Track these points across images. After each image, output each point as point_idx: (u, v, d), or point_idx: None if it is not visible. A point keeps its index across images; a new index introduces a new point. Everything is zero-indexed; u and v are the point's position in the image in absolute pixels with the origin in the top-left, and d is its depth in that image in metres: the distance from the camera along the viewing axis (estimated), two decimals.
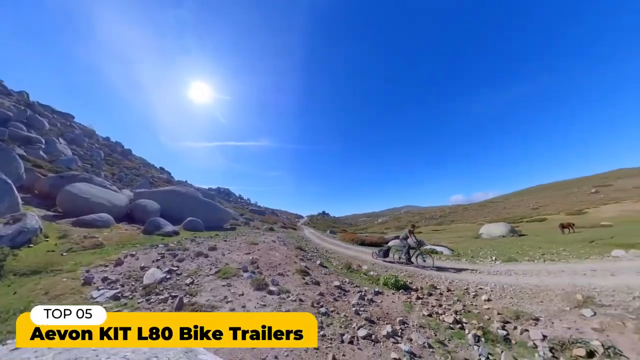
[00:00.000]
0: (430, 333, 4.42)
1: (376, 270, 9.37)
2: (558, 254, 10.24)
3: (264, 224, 27.44)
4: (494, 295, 6.57)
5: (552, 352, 3.83)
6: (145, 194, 17.63)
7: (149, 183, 29.25)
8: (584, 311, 4.94)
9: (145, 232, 11.84)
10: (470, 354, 3.86)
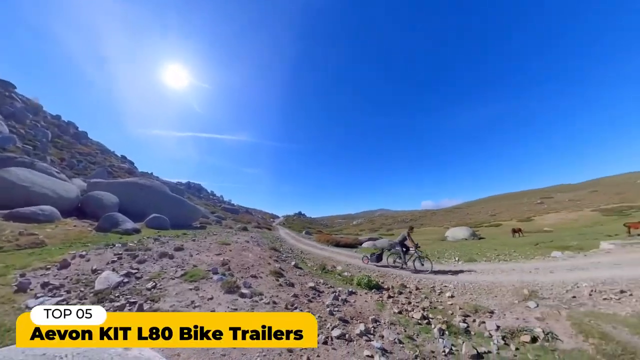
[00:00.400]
0: (400, 329, 4.66)
1: (350, 271, 9.57)
2: (510, 254, 11.53)
3: (237, 223, 26.28)
4: (457, 292, 7.14)
5: (504, 340, 4.30)
6: (102, 185, 15.57)
7: (106, 173, 25.88)
8: (529, 303, 5.64)
9: (100, 229, 10.48)
10: (436, 346, 4.14)
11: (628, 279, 6.27)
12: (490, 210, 58.10)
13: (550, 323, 4.68)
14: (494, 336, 4.45)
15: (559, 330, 4.40)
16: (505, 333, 4.51)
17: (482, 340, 4.42)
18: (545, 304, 5.58)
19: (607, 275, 6.70)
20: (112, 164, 35.10)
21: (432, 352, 3.95)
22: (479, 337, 4.52)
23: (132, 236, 10.50)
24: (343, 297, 6.16)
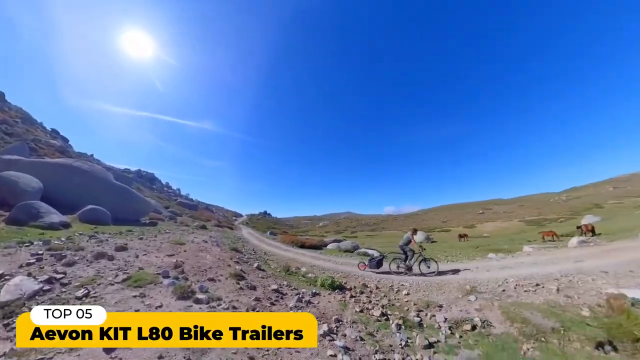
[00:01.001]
0: (361, 327, 4.89)
1: (314, 272, 9.62)
2: (456, 256, 13.13)
3: (195, 220, 24.02)
4: (412, 290, 7.79)
5: (451, 330, 4.87)
6: (21, 165, 12.36)
7: (28, 149, 20.55)
8: (470, 297, 6.47)
9: (12, 221, 8.34)
10: (394, 340, 4.46)
11: (541, 274, 7.72)
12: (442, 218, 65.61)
13: (486, 313, 5.47)
14: (442, 327, 4.99)
15: (493, 318, 5.18)
16: (451, 324, 5.11)
17: (432, 331, 4.91)
18: (483, 297, 6.49)
19: (527, 272, 8.14)
20: (37, 138, 27.72)
21: (390, 346, 4.23)
22: (430, 329, 5.02)
23: (59, 232, 8.66)
24: (307, 298, 6.16)
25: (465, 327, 4.91)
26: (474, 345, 4.27)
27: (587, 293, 6.00)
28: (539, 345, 4.07)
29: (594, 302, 5.43)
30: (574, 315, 4.85)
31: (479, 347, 4.19)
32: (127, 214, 14.94)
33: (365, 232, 52.41)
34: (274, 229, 41.80)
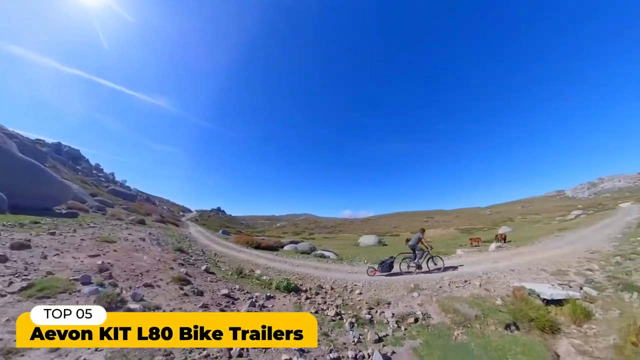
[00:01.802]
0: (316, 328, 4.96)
1: (269, 275, 9.35)
2: None
3: (132, 213, 20.30)
4: (364, 289, 8.31)
5: (397, 324, 5.38)
6: None
7: None
8: (414, 294, 7.28)
9: None
10: (347, 338, 4.67)
11: (469, 273, 9.22)
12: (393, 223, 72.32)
13: (426, 307, 6.24)
14: (390, 322, 5.47)
15: (431, 311, 5.95)
16: (398, 318, 5.65)
17: (382, 326, 5.34)
18: (424, 293, 7.37)
19: (458, 272, 9.60)
20: None
21: (344, 344, 4.40)
22: (380, 325, 5.45)
23: None
24: (260, 302, 5.94)
25: (410, 320, 5.51)
26: (417, 335, 4.82)
27: (500, 286, 7.46)
28: (466, 330, 4.87)
29: (504, 293, 6.80)
30: (491, 305, 5.98)
31: (420, 336, 4.76)
32: (34, 200, 11.82)
33: (323, 234, 53.67)
34: (227, 228, 38.76)
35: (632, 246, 9.88)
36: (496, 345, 4.28)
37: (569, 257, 9.80)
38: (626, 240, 11.29)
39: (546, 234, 17.84)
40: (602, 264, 8.42)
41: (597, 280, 7.17)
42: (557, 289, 6.66)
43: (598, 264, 8.44)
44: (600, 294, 6.26)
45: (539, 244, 14.33)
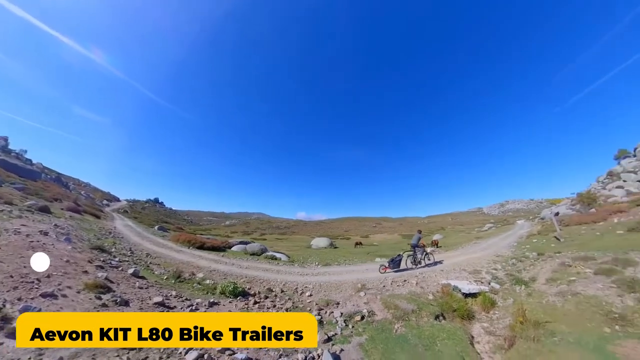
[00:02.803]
0: None
1: (213, 278, 8.62)
2: (352, 260, 15.50)
3: (30, 197, 15.40)
4: (315, 291, 8.49)
5: (345, 322, 5.68)
6: None
7: None
8: (360, 294, 7.82)
9: None
10: None
11: (408, 273, 10.43)
12: (345, 227, 76.20)
13: (372, 305, 6.78)
14: (338, 321, 5.74)
15: (376, 308, 6.50)
16: (346, 317, 5.98)
17: (331, 326, 5.55)
18: (370, 292, 7.99)
19: (398, 272, 10.76)
20: None
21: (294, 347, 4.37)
22: (329, 324, 5.66)
23: None
24: (202, 310, 5.42)
25: (357, 318, 5.90)
26: (363, 332, 5.20)
27: (432, 284, 8.69)
28: (405, 323, 5.52)
29: (435, 290, 7.97)
30: (424, 300, 6.92)
31: (366, 332, 5.15)
32: None
33: (275, 235, 52.44)
34: (165, 224, 33.67)
35: (522, 251, 12.89)
36: (428, 334, 5.01)
37: (482, 260, 12.14)
38: (519, 247, 14.68)
39: (467, 241, 21.73)
40: (503, 264, 10.72)
41: (500, 277, 9.09)
42: (473, 284, 8.19)
43: (501, 265, 10.70)
44: (501, 287, 8.00)
45: (462, 249, 17.35)
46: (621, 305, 5.27)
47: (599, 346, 4.28)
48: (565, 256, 9.24)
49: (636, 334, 4.43)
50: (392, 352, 4.41)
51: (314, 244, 27.82)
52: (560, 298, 6.15)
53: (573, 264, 8.07)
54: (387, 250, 22.74)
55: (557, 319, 5.22)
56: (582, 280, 6.77)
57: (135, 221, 27.58)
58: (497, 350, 4.91)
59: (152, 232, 19.62)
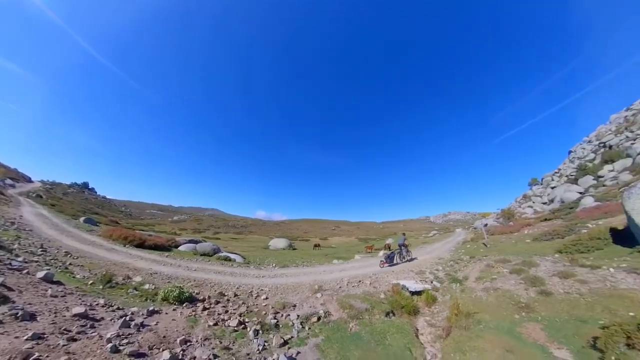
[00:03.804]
0: (215, 342, 4.51)
1: (155, 282, 7.65)
2: (310, 261, 15.65)
3: None
4: (271, 293, 8.29)
5: (302, 324, 5.70)
6: None
7: None
8: (317, 295, 7.94)
9: None
10: (251, 347, 4.50)
11: (362, 274, 11.05)
12: (305, 229, 76.46)
13: (328, 305, 6.96)
14: (295, 324, 5.72)
15: (332, 309, 6.69)
16: (303, 319, 6.00)
17: (287, 329, 5.50)
18: (326, 293, 8.18)
19: (355, 273, 11.31)
20: None
21: (247, 355, 4.24)
22: (285, 328, 5.59)
23: None
24: (139, 320, 4.75)
25: (313, 319, 5.97)
26: (319, 332, 5.30)
27: (383, 284, 9.37)
28: (359, 321, 5.84)
29: (386, 289, 8.61)
30: (377, 299, 7.42)
31: (322, 333, 5.26)
32: None
33: (231, 234, 49.15)
34: (95, 215, 28.07)
35: (458, 255, 14.95)
36: (380, 330, 5.40)
37: (427, 262, 13.65)
38: (456, 251, 16.98)
39: (415, 246, 24.18)
40: (443, 266, 12.24)
41: (440, 277, 10.34)
42: (418, 283, 9.14)
43: (441, 266, 12.20)
44: (441, 286, 9.13)
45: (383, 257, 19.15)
46: (527, 297, 6.60)
47: (510, 329, 5.32)
48: (489, 259, 11.05)
49: (535, 317, 5.63)
50: (347, 350, 4.60)
51: (272, 245, 27.18)
52: (485, 293, 7.36)
53: (495, 265, 9.72)
54: (344, 252, 23.69)
55: (482, 309, 6.25)
56: (501, 278, 8.22)
57: (52, 210, 22.39)
58: (437, 339, 5.63)
59: (75, 225, 16.25)
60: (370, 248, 25.14)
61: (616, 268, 6.97)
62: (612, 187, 17.87)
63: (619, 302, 5.50)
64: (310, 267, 13.43)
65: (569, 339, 4.77)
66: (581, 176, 23.60)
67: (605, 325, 4.54)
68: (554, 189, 26.44)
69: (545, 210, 22.68)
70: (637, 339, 3.96)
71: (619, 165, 20.44)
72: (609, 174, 20.80)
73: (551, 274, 7.49)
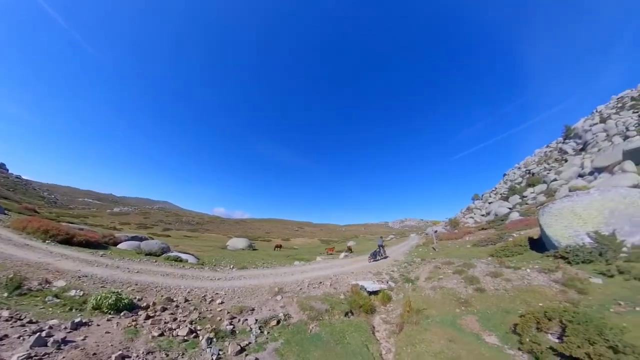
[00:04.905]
0: (161, 356, 4.07)
1: (83, 287, 6.52)
2: (271, 263, 15.29)
3: None
4: (227, 297, 7.83)
5: (260, 329, 5.51)
6: None
7: None
8: (277, 297, 7.80)
9: None
10: (204, 358, 4.17)
11: (323, 275, 11.23)
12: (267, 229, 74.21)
13: (288, 308, 6.88)
14: (253, 329, 5.50)
15: (292, 311, 6.63)
16: (261, 323, 5.81)
17: (244, 335, 5.25)
18: (286, 295, 8.09)
19: (316, 274, 11.44)
20: None
21: None
22: (242, 334, 5.33)
23: None
24: (60, 336, 3.99)
25: (272, 323, 5.84)
26: (278, 336, 5.19)
27: (343, 285, 9.68)
28: (319, 322, 5.91)
29: (346, 290, 8.91)
30: (337, 299, 7.63)
31: (282, 336, 5.16)
32: None
33: (184, 231, 44.60)
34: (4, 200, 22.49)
35: (412, 257, 16.34)
36: (339, 329, 5.56)
37: (384, 264, 14.57)
38: (410, 254, 18.53)
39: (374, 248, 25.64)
40: (398, 267, 13.22)
41: (395, 277, 11.14)
42: (376, 284, 9.69)
43: (396, 268, 13.15)
44: (396, 285, 9.84)
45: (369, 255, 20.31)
46: (466, 293, 7.56)
47: (453, 322, 6.10)
48: (437, 261, 12.34)
49: (472, 311, 6.53)
50: (306, 352, 4.60)
51: (231, 245, 25.73)
52: (433, 291, 8.19)
53: (441, 266, 10.89)
54: (306, 254, 23.76)
55: (430, 306, 6.97)
56: (446, 278, 9.24)
57: None
58: (392, 335, 6.06)
59: None
60: (331, 250, 25.75)
61: (531, 269, 8.46)
62: (532, 205, 21.75)
63: (533, 295, 6.73)
64: (270, 269, 13.11)
65: (497, 327, 5.69)
66: (511, 195, 28.33)
67: (522, 314, 5.52)
68: (491, 204, 31.20)
69: (483, 221, 26.46)
70: (544, 324, 4.93)
71: (538, 189, 25.14)
72: (531, 195, 25.38)
73: (485, 274, 8.72)
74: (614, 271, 6.97)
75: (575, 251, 8.38)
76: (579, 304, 5.93)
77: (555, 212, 9.85)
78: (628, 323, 4.57)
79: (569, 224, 9.25)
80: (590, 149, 25.33)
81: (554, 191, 20.88)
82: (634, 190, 9.17)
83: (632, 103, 28.54)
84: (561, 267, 7.95)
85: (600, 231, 8.43)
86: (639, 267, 6.85)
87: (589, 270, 7.53)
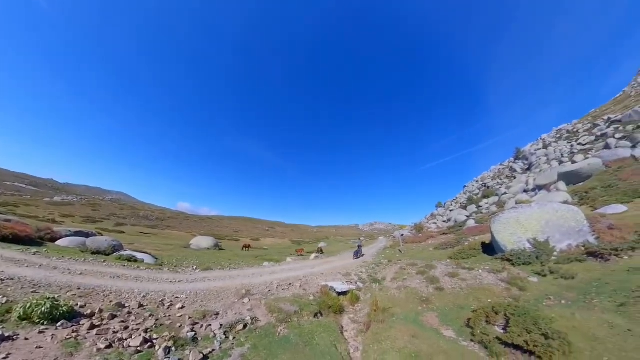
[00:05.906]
0: None
1: (8, 293, 5.53)
2: (239, 263, 14.71)
3: None
4: (188, 301, 7.32)
5: (225, 334, 5.23)
6: None
7: None
8: (244, 300, 7.52)
9: None
10: None
11: (293, 277, 11.13)
12: (235, 227, 70.95)
13: (256, 311, 6.67)
14: (217, 334, 5.21)
15: (260, 314, 6.44)
16: (226, 328, 5.53)
17: (208, 342, 4.94)
18: (254, 298, 7.85)
19: (286, 276, 11.30)
20: None
21: None
22: (205, 340, 5.00)
23: None
24: None
25: (239, 327, 5.59)
26: (245, 341, 4.99)
27: (313, 286, 9.70)
28: (287, 324, 5.83)
29: (316, 291, 8.95)
30: (307, 301, 7.62)
31: (249, 341, 4.97)
32: None
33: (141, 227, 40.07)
34: None
35: (379, 259, 17.07)
36: (308, 331, 5.55)
37: (353, 265, 14.98)
38: (378, 256, 19.36)
39: (344, 250, 26.33)
40: (367, 268, 13.70)
41: (364, 278, 11.52)
42: (345, 285, 9.90)
43: (365, 269, 13.62)
44: (364, 286, 10.17)
45: (340, 256, 20.97)
46: (427, 292, 8.15)
47: (415, 319, 6.56)
48: (403, 263, 13.07)
49: (432, 308, 7.09)
50: (275, 356, 4.50)
51: (195, 244, 24.12)
52: (398, 291, 8.65)
53: (406, 268, 11.56)
54: (276, 254, 23.34)
55: (395, 304, 7.37)
56: (410, 278, 9.83)
57: None
58: (359, 334, 6.26)
59: None
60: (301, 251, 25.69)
61: (483, 270, 9.44)
62: (486, 214, 24.59)
63: (483, 293, 7.54)
64: (238, 270, 12.60)
65: (453, 322, 6.26)
66: (469, 204, 31.93)
67: (475, 310, 6.15)
68: (452, 212, 34.55)
69: (445, 227, 29.01)
70: (492, 317, 5.58)
71: (491, 200, 28.67)
72: (485, 205, 28.82)
73: (444, 275, 9.48)
74: (547, 271, 8.17)
75: (518, 254, 9.64)
76: (520, 299, 6.82)
77: (503, 221, 11.23)
78: (556, 314, 5.41)
79: (514, 231, 10.63)
80: (534, 169, 29.82)
81: (503, 203, 24.12)
82: (564, 206, 10.92)
83: (567, 135, 34.61)
84: (506, 268, 9.02)
85: (538, 238, 9.84)
86: (565, 268, 8.11)
87: (528, 270, 8.68)
